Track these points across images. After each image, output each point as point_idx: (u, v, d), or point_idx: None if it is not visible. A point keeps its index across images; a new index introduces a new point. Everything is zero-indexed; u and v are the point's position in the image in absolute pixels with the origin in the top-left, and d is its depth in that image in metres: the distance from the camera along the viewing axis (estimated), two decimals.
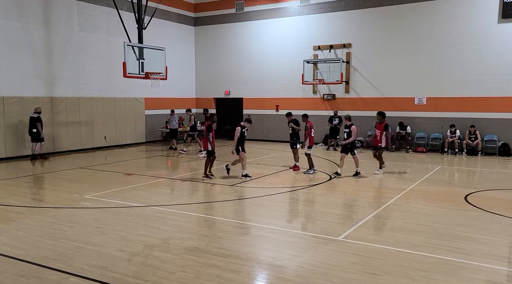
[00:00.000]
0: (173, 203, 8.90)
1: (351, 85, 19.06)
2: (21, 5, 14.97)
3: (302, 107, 20.03)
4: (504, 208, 8.30)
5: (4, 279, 5.01)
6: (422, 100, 17.59)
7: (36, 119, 14.39)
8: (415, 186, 10.52)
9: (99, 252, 5.87)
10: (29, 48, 15.25)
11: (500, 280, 5.11)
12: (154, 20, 16.13)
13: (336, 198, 9.51)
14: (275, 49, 20.56)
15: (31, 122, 14.42)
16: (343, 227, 7.13)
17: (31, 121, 14.42)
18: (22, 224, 7.21)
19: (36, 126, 14.32)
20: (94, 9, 17.42)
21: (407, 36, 17.66)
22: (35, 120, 14.37)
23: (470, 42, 16.50)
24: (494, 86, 16.18)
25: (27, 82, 15.18)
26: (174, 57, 20.23)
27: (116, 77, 16.39)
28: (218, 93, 22.57)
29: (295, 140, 12.52)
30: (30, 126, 14.41)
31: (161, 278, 4.99)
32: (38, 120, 14.46)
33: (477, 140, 16.09)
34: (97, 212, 7.99)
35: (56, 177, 11.76)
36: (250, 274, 5.29)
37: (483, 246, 6.16)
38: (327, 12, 19.28)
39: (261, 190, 10.08)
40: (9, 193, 9.67)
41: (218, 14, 22.12)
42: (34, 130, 14.30)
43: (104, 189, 9.93)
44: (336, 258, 5.65)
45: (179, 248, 6.05)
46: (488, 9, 16.12)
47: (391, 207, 8.41)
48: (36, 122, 14.37)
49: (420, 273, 5.15)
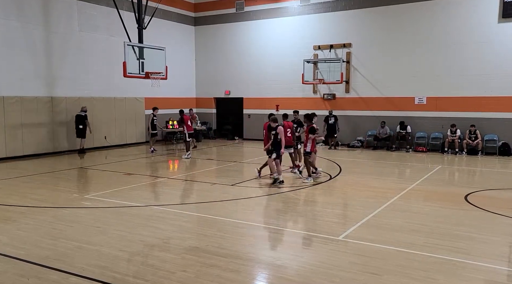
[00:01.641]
0: (173, 203, 8.91)
1: (351, 85, 19.06)
2: (21, 5, 14.97)
3: (302, 107, 20.01)
4: (504, 208, 8.30)
5: (4, 279, 5.01)
6: (422, 100, 17.59)
7: (83, 117, 15.99)
8: (415, 185, 10.52)
9: (99, 252, 5.87)
10: (29, 48, 15.25)
11: (500, 280, 5.11)
12: (154, 20, 16.13)
13: (336, 198, 9.51)
14: (275, 49, 20.56)
15: (77, 120, 15.97)
16: (343, 227, 7.13)
17: (77, 119, 15.98)
18: (22, 224, 7.21)
19: (84, 124, 15.90)
20: (94, 9, 17.42)
21: (407, 36, 17.66)
22: (82, 118, 15.96)
23: (470, 42, 16.50)
24: (494, 86, 16.18)
25: (27, 82, 15.18)
26: (174, 57, 20.23)
27: (116, 77, 16.39)
28: (218, 93, 22.57)
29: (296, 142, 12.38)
30: (77, 123, 15.98)
31: (161, 278, 4.99)
32: (85, 118, 16.03)
33: (477, 140, 16.09)
34: (97, 212, 7.99)
35: (56, 177, 11.76)
36: (250, 274, 5.29)
37: (483, 246, 6.16)
38: (327, 12, 19.27)
39: (261, 190, 10.08)
40: (9, 192, 9.67)
41: (218, 14, 22.12)
42: (81, 126, 15.88)
43: (104, 189, 9.93)
44: (336, 258, 5.65)
45: (179, 248, 6.05)
46: (488, 9, 16.12)
47: (391, 207, 8.40)
48: (83, 120, 15.94)
49: (420, 273, 5.15)
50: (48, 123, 15.82)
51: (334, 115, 18.47)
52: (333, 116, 18.46)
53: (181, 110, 15.84)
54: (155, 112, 17.01)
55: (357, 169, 13.18)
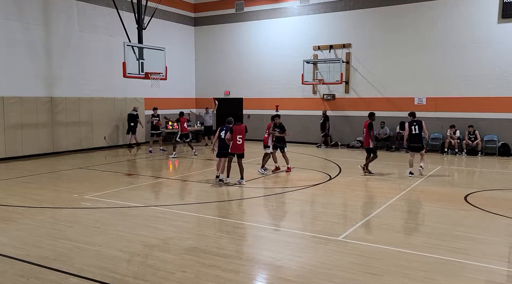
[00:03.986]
0: (173, 203, 8.90)
1: (351, 85, 19.06)
2: (21, 5, 14.97)
3: (302, 108, 20.08)
4: (504, 208, 8.30)
5: (4, 279, 5.01)
6: (422, 100, 17.59)
7: (134, 116, 17.63)
8: (415, 186, 10.52)
9: (99, 252, 5.87)
10: (29, 48, 15.25)
11: (500, 280, 5.11)
12: (154, 20, 16.13)
13: (335, 198, 9.50)
14: (275, 49, 20.56)
15: (129, 118, 17.65)
16: (343, 227, 7.13)
17: (130, 117, 17.67)
18: (22, 224, 7.21)
19: (135, 121, 17.52)
20: (94, 9, 17.41)
21: (407, 36, 17.66)
22: (134, 116, 17.58)
23: (470, 42, 16.50)
24: (494, 86, 16.18)
25: (27, 82, 15.17)
26: (174, 57, 20.22)
27: (116, 77, 16.38)
28: (218, 93, 22.56)
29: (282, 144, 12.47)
30: (129, 121, 17.67)
31: (161, 278, 4.99)
32: (136, 116, 17.70)
33: (477, 140, 16.08)
34: (97, 212, 7.99)
35: (56, 177, 11.76)
36: (250, 274, 5.29)
37: (483, 246, 6.16)
38: (327, 12, 19.28)
39: (261, 190, 10.08)
40: (9, 193, 9.66)
41: (218, 14, 22.12)
42: (132, 124, 17.46)
43: (104, 189, 9.93)
44: (336, 258, 5.64)
45: (179, 248, 6.05)
46: (488, 9, 16.12)
47: (391, 207, 8.40)
48: (135, 118, 17.58)
49: (420, 273, 5.15)
50: (48, 123, 15.81)
51: (325, 115, 18.92)
52: (323, 116, 18.92)
53: (181, 112, 16.20)
54: (155, 112, 17.08)
55: (357, 169, 13.17)
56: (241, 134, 10.60)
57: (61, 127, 16.30)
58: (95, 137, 17.58)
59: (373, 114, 12.19)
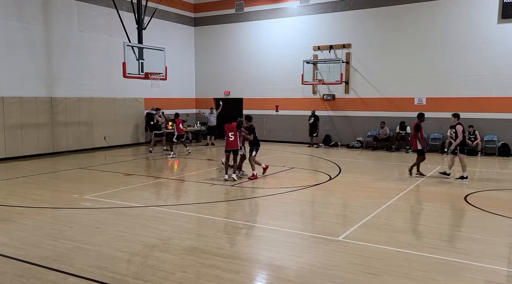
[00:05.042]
0: (173, 203, 8.90)
1: (351, 85, 19.06)
2: (21, 5, 14.97)
3: (302, 108, 20.07)
4: (504, 208, 8.29)
5: (4, 279, 5.01)
6: (422, 101, 17.59)
7: (153, 115, 17.36)
8: (415, 186, 10.52)
9: (98, 252, 5.87)
10: (29, 49, 15.24)
11: (500, 280, 5.11)
12: (153, 21, 16.13)
13: (335, 198, 9.50)
14: (275, 49, 20.56)
15: (148, 117, 18.06)
16: (343, 227, 7.13)
17: (148, 116, 18.01)
18: (22, 224, 7.20)
19: (154, 120, 17.12)
20: (94, 9, 17.41)
21: (407, 36, 17.66)
22: (152, 115, 17.31)
23: (470, 42, 16.50)
24: (494, 86, 16.17)
25: (27, 83, 15.17)
26: (174, 57, 20.23)
27: (116, 78, 16.38)
28: (218, 93, 22.55)
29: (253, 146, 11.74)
30: (148, 119, 18.05)
31: (161, 279, 4.99)
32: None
33: (477, 140, 16.08)
34: (97, 212, 7.99)
35: (56, 177, 11.76)
36: (250, 274, 5.28)
37: (483, 246, 6.15)
38: (327, 13, 19.27)
39: (261, 190, 10.07)
40: (9, 193, 9.66)
41: (218, 15, 22.12)
42: (152, 123, 17.13)
43: (104, 189, 9.92)
44: (336, 258, 5.64)
45: (179, 248, 6.05)
46: (488, 9, 16.12)
47: (391, 207, 8.40)
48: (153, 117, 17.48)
49: (420, 274, 5.15)
50: (48, 123, 15.80)
51: (315, 115, 18.99)
52: (313, 116, 19.00)
53: (176, 114, 16.22)
54: (158, 112, 16.99)
55: (356, 169, 13.17)
56: (232, 131, 10.94)
57: (61, 128, 16.30)
58: (95, 137, 17.57)
59: (422, 115, 11.72)
